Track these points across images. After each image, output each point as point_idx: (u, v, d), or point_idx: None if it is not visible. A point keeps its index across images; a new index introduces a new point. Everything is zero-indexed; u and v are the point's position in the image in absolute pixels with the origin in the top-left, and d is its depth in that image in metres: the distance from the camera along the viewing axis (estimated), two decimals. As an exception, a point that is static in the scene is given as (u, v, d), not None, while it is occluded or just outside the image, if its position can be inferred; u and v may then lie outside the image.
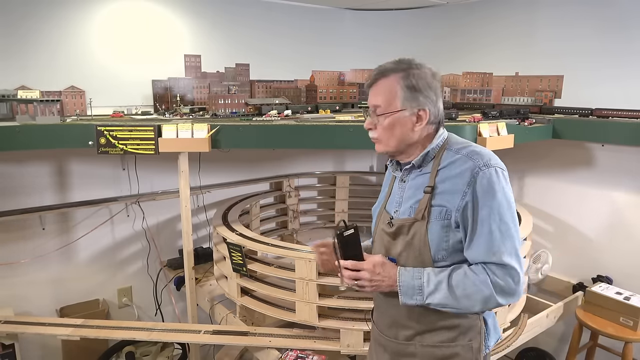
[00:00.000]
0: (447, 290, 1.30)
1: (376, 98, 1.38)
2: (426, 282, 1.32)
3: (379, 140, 1.42)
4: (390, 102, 1.36)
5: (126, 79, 2.98)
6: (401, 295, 1.34)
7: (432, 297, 1.31)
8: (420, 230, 1.34)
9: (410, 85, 1.34)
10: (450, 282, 1.30)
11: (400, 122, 1.37)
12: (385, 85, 1.37)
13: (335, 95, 3.29)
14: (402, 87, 1.34)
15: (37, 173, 2.81)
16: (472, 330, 1.41)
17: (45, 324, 2.46)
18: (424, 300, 1.32)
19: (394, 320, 1.46)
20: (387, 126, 1.37)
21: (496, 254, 1.28)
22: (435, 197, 1.34)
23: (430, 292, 1.31)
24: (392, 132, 1.38)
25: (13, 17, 2.63)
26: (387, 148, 1.42)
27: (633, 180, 2.84)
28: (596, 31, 2.90)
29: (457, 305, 1.31)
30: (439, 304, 1.32)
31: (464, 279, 1.30)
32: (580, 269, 3.09)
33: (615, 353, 2.70)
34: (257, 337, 2.31)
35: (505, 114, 2.83)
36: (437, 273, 1.33)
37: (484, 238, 1.28)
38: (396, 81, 1.35)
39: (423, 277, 1.33)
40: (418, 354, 1.42)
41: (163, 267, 3.23)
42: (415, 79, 1.34)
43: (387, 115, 1.36)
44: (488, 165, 1.31)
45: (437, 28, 3.76)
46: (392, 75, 1.35)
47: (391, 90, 1.35)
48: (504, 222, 1.29)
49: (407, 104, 1.35)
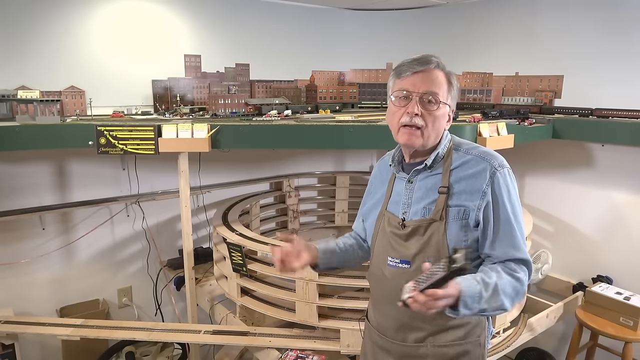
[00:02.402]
0: (500, 294, 1.23)
1: (433, 84, 1.33)
2: (484, 288, 1.22)
3: (423, 130, 1.33)
4: (445, 93, 1.35)
5: (126, 79, 2.98)
6: (462, 308, 1.17)
7: (487, 302, 1.22)
8: (439, 230, 1.33)
9: (452, 84, 1.37)
10: (499, 285, 1.24)
11: (444, 116, 1.37)
12: (438, 76, 1.34)
13: (335, 95, 3.29)
14: (449, 83, 1.36)
15: (37, 173, 2.81)
16: (479, 326, 1.43)
17: (45, 324, 2.46)
18: (480, 307, 1.20)
19: (401, 324, 1.44)
20: (438, 116, 1.34)
21: (518, 251, 1.32)
22: (451, 197, 1.34)
23: (488, 298, 1.22)
24: (438, 124, 1.35)
25: (13, 17, 2.63)
26: (427, 141, 1.36)
27: (633, 180, 2.84)
28: (597, 32, 2.90)
29: (504, 307, 1.25)
30: (490, 307, 1.23)
31: (504, 278, 1.27)
32: (580, 269, 3.09)
33: (615, 353, 2.70)
34: (257, 337, 2.31)
35: (505, 114, 2.83)
36: (485, 277, 1.24)
37: (508, 236, 1.31)
38: (445, 76, 1.36)
39: (479, 283, 1.22)
40: (430, 355, 1.41)
41: (163, 267, 3.23)
42: (454, 79, 1.37)
43: (442, 104, 1.34)
44: (502, 166, 1.34)
45: (437, 28, 3.76)
46: (440, 70, 1.35)
47: (443, 82, 1.35)
48: (518, 221, 1.34)
49: (450, 100, 1.37)
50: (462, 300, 1.17)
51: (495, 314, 1.33)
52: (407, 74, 1.34)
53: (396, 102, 1.36)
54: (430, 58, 1.34)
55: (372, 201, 1.56)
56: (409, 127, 1.34)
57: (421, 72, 1.33)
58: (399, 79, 1.36)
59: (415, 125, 1.33)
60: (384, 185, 1.52)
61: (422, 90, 1.32)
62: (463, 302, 1.17)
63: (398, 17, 3.88)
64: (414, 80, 1.33)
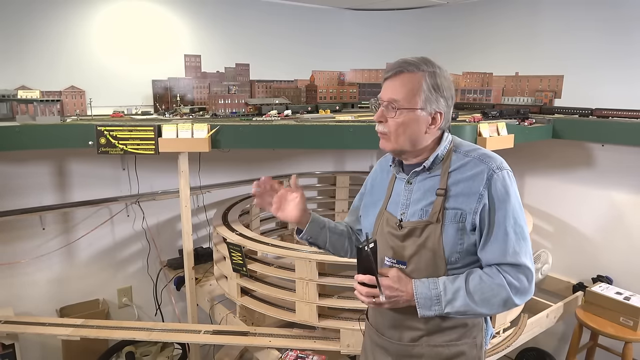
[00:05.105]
0: (466, 297, 1.27)
1: (395, 91, 1.32)
2: (443, 292, 1.29)
3: (388, 136, 1.35)
4: (410, 98, 1.31)
5: (126, 79, 2.98)
6: (419, 308, 1.30)
7: (450, 305, 1.29)
8: (435, 232, 1.33)
9: (436, 86, 1.32)
10: (468, 289, 1.28)
11: (416, 121, 1.33)
12: (408, 80, 1.31)
13: (335, 95, 3.29)
14: (427, 85, 1.31)
15: (37, 173, 2.81)
16: (475, 327, 1.42)
17: (45, 324, 2.46)
18: (442, 309, 1.29)
19: (397, 322, 1.44)
20: (401, 123, 1.32)
21: (512, 255, 1.29)
22: (448, 199, 1.32)
23: (449, 301, 1.29)
24: (405, 129, 1.33)
25: (13, 17, 2.63)
26: (395, 146, 1.36)
27: (633, 180, 2.84)
28: (597, 32, 2.90)
29: (476, 311, 1.29)
30: (458, 311, 1.29)
31: (481, 283, 1.28)
32: (580, 269, 3.09)
33: (615, 353, 2.70)
34: (257, 337, 2.31)
35: (505, 114, 2.83)
36: (452, 281, 1.30)
37: (500, 240, 1.29)
38: (422, 78, 1.31)
39: (439, 286, 1.30)
40: (425, 354, 1.41)
41: (163, 267, 3.23)
42: (440, 80, 1.32)
43: (405, 110, 1.32)
44: (501, 168, 1.32)
45: (437, 28, 3.76)
46: (418, 72, 1.31)
47: (414, 86, 1.31)
48: (518, 224, 1.31)
49: (427, 104, 1.32)
50: (417, 301, 1.30)
51: (467, 317, 1.35)
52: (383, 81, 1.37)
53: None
54: (401, 62, 1.32)
55: (372, 198, 1.55)
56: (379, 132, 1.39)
57: (389, 78, 1.34)
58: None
59: (381, 132, 1.37)
60: (384, 183, 1.52)
61: (385, 98, 1.34)
62: (417, 303, 1.30)
63: (398, 17, 3.88)
64: (384, 87, 1.36)
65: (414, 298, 1.30)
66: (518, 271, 1.29)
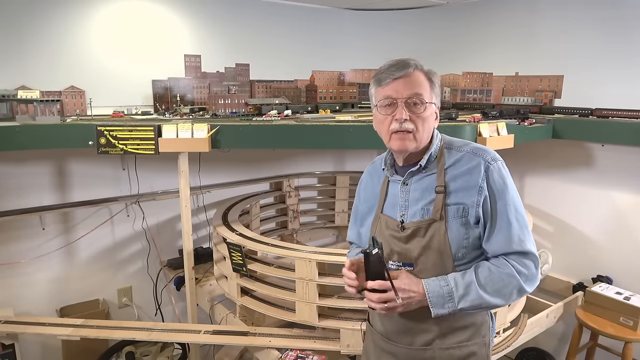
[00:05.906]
0: (479, 290, 1.27)
1: (415, 86, 1.32)
2: (455, 287, 1.28)
3: (414, 133, 1.33)
4: (427, 93, 1.34)
5: (126, 79, 2.98)
6: (432, 307, 1.28)
7: (464, 300, 1.28)
8: (439, 230, 1.33)
9: (434, 82, 1.36)
10: (479, 281, 1.28)
11: (433, 115, 1.37)
12: (418, 77, 1.34)
13: (335, 95, 3.29)
14: (430, 82, 1.35)
15: (37, 173, 2.81)
16: (484, 326, 1.43)
17: (45, 324, 2.46)
18: (456, 306, 1.28)
19: (408, 327, 1.42)
20: (426, 117, 1.33)
21: (518, 243, 1.31)
22: (449, 195, 1.33)
23: (461, 296, 1.28)
24: (429, 124, 1.35)
25: (13, 17, 2.63)
26: (420, 143, 1.35)
27: (633, 180, 2.84)
28: (597, 32, 2.90)
29: (490, 303, 1.29)
30: (471, 306, 1.28)
31: (491, 275, 1.29)
32: (580, 269, 3.10)
33: (615, 353, 2.70)
34: (257, 337, 2.31)
35: (505, 114, 2.83)
36: (462, 276, 1.30)
37: (504, 230, 1.30)
38: (425, 76, 1.35)
39: (450, 283, 1.29)
40: (437, 357, 1.40)
41: (163, 267, 3.23)
42: (435, 77, 1.37)
43: (427, 104, 1.33)
44: (495, 159, 1.35)
45: (437, 28, 3.76)
46: (419, 71, 1.34)
47: (424, 83, 1.34)
48: (519, 212, 1.33)
49: (435, 99, 1.36)
50: (429, 300, 1.28)
51: (481, 310, 1.35)
52: (387, 81, 1.33)
53: (382, 111, 1.36)
54: (407, 61, 1.34)
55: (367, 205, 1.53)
56: (401, 132, 1.33)
57: (401, 77, 1.32)
58: (380, 87, 1.35)
59: (406, 130, 1.32)
60: (376, 189, 1.50)
61: (406, 95, 1.32)
62: (430, 302, 1.28)
63: (398, 17, 3.88)
64: (396, 87, 1.32)
65: (426, 298, 1.29)
66: (525, 258, 1.31)
